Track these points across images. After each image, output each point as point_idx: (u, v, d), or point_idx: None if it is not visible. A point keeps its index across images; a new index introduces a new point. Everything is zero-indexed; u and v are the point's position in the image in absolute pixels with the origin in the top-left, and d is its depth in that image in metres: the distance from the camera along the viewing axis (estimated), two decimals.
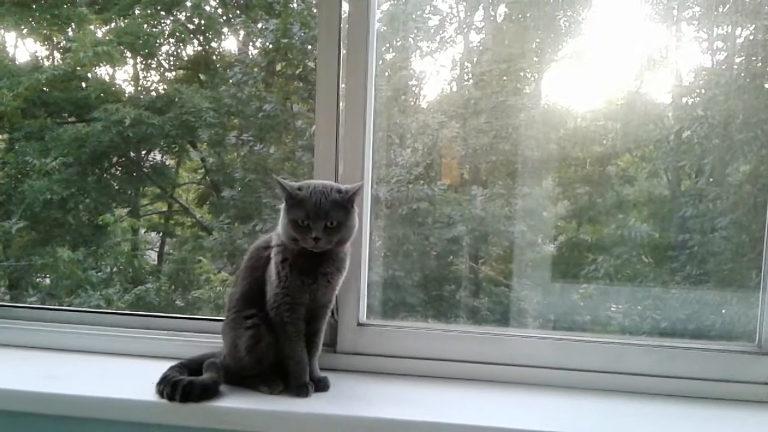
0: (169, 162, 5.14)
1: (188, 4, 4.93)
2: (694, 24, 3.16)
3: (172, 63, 5.21)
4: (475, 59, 3.70)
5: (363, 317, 1.87)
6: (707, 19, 3.03)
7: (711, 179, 3.06)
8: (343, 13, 1.81)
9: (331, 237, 1.54)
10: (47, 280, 4.46)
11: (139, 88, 5.08)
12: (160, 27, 4.92)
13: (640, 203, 3.29)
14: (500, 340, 1.82)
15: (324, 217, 1.53)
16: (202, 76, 5.10)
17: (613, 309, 3.10)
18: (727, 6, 2.98)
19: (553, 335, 1.83)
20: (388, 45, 3.32)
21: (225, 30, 5.08)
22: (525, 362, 1.78)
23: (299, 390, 1.60)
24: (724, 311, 2.68)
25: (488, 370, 1.78)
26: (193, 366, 1.68)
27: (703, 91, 3.11)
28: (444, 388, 1.73)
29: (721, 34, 3.03)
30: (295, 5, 4.63)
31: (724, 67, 3.04)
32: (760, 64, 2.84)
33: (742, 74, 2.91)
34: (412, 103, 3.61)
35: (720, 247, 2.89)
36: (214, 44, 5.19)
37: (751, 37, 2.86)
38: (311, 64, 4.17)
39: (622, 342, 1.78)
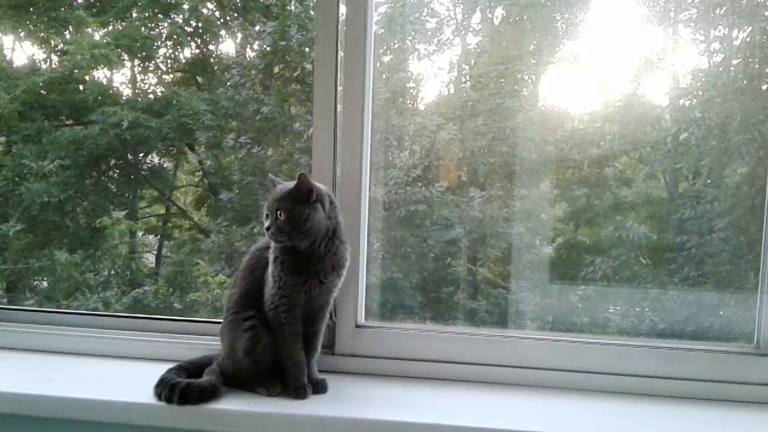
0: (167, 164, 5.13)
1: (185, 6, 4.92)
2: (691, 26, 3.16)
3: (169, 66, 5.21)
4: (472, 61, 3.70)
5: (361, 319, 1.87)
6: (704, 21, 3.03)
7: (708, 181, 3.06)
8: (340, 15, 1.82)
9: (282, 229, 1.56)
10: (44, 283, 4.45)
11: (137, 91, 5.07)
12: (157, 30, 4.92)
13: (637, 205, 3.30)
14: (499, 342, 1.82)
15: (274, 210, 1.56)
16: (199, 79, 5.10)
17: (611, 310, 3.10)
18: (724, 8, 2.99)
19: (553, 337, 1.83)
20: (385, 47, 3.32)
21: (222, 33, 5.08)
22: (524, 364, 1.78)
23: (297, 392, 1.60)
24: (722, 312, 2.68)
25: (487, 372, 1.78)
26: (191, 368, 1.68)
27: (700, 93, 3.11)
28: (442, 390, 1.73)
29: (718, 36, 3.04)
30: (292, 8, 4.63)
31: (721, 68, 3.04)
32: (757, 65, 2.84)
33: (740, 76, 2.91)
34: (410, 106, 3.61)
35: (718, 248, 2.89)
36: (211, 47, 5.19)
37: (748, 39, 2.87)
38: (309, 67, 4.17)
39: (622, 343, 1.78)
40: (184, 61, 5.20)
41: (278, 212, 1.56)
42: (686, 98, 3.16)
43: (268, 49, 4.51)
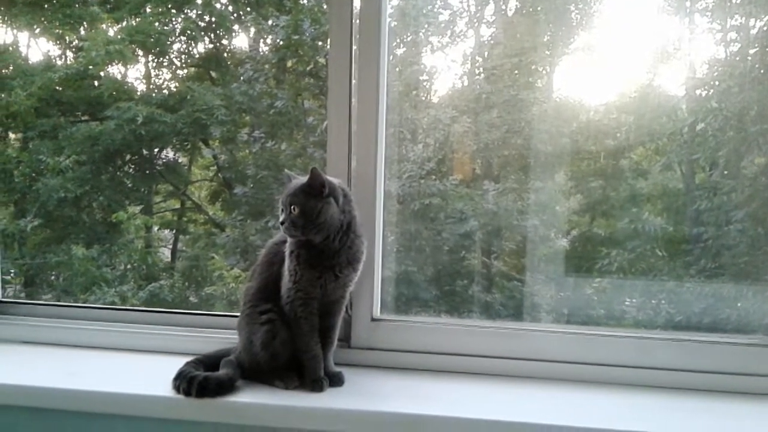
0: (182, 159, 5.17)
1: (199, 1, 4.95)
2: (707, 15, 3.13)
3: (183, 61, 5.24)
4: (486, 53, 3.69)
5: (377, 312, 1.87)
6: (720, 10, 3.00)
7: (725, 172, 3.03)
8: (354, 8, 1.81)
9: (296, 223, 1.57)
10: (62, 278, 4.50)
11: (151, 86, 5.11)
12: (171, 25, 4.95)
13: (653, 197, 3.27)
14: (515, 335, 1.81)
15: (288, 204, 1.58)
16: (213, 74, 5.13)
17: (627, 303, 3.09)
18: None
19: (570, 329, 1.83)
20: (398, 40, 3.32)
21: (236, 27, 5.09)
22: (541, 357, 1.77)
23: (314, 385, 1.61)
24: (739, 304, 2.66)
25: (504, 365, 1.78)
26: (209, 362, 1.69)
27: (716, 83, 3.08)
28: (459, 383, 1.73)
29: (735, 25, 3.01)
30: (305, 1, 4.63)
31: (737, 58, 3.01)
32: None
33: (757, 65, 2.88)
34: (424, 98, 3.61)
35: (735, 240, 2.87)
36: (225, 41, 5.21)
37: (765, 28, 2.84)
38: (322, 61, 4.17)
39: (639, 336, 1.78)
40: (197, 56, 5.22)
41: (292, 207, 1.57)
42: (703, 88, 3.13)
43: (282, 43, 4.51)
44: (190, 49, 5.19)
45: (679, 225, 3.17)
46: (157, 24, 4.77)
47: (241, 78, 4.59)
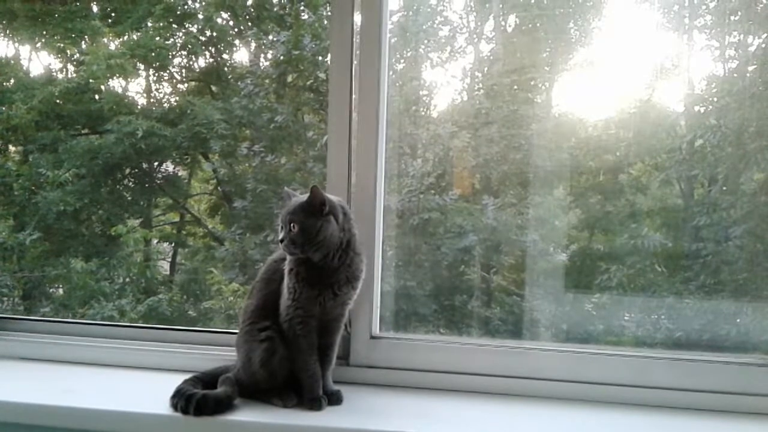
0: (182, 173, 5.17)
1: (200, 16, 4.97)
2: (705, 32, 3.15)
3: (184, 75, 5.25)
4: (485, 69, 3.71)
5: (376, 330, 1.87)
6: (719, 27, 3.02)
7: (724, 188, 3.04)
8: (355, 25, 1.82)
9: (295, 241, 1.56)
10: (60, 291, 4.49)
11: (152, 100, 5.11)
12: (172, 39, 4.96)
13: (652, 212, 3.28)
14: (515, 353, 1.81)
15: (286, 222, 1.57)
16: (213, 88, 5.14)
17: (626, 318, 3.08)
18: (739, 14, 2.98)
19: (570, 348, 1.82)
20: (398, 56, 3.33)
21: (236, 42, 5.12)
22: (540, 375, 1.76)
23: (312, 403, 1.60)
24: (738, 321, 2.65)
25: (503, 384, 1.77)
26: (208, 379, 1.68)
27: (715, 99, 3.10)
28: (458, 402, 1.72)
29: (733, 42, 3.03)
30: (306, 17, 4.65)
31: (736, 75, 3.03)
32: None
33: (755, 82, 2.89)
34: (423, 114, 3.62)
35: (734, 256, 2.87)
36: (225, 56, 5.24)
37: (764, 46, 2.86)
38: (322, 76, 4.19)
39: (639, 355, 1.77)
40: (198, 70, 5.24)
41: (291, 224, 1.56)
42: (701, 105, 3.15)
43: (282, 58, 4.53)
44: (191, 63, 5.21)
45: (678, 241, 3.17)
46: (158, 38, 4.79)
47: (242, 92, 4.60)
